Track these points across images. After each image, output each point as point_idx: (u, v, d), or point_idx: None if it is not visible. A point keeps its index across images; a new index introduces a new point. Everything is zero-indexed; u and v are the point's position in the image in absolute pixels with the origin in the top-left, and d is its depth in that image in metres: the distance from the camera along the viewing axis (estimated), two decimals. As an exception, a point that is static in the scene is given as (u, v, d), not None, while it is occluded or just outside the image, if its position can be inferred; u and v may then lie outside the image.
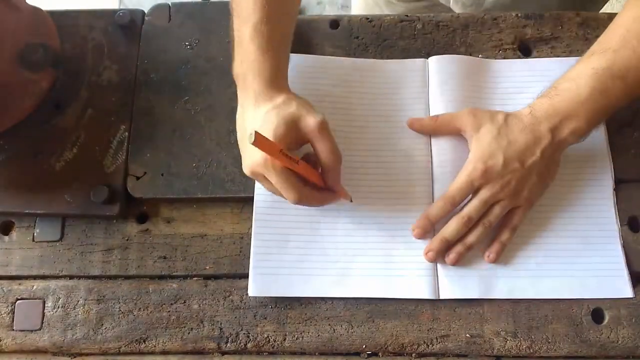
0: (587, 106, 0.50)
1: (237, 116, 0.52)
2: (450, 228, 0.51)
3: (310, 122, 0.47)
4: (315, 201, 0.49)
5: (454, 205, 0.51)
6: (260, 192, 0.54)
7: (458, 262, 0.51)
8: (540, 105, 0.51)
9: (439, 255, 0.52)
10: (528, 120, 0.51)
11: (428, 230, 0.52)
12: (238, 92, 0.51)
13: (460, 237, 0.51)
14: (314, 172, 0.49)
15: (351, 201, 0.53)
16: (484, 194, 0.51)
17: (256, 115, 0.48)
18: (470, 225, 0.51)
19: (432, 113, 0.57)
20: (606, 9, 0.81)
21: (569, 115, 0.50)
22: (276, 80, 0.49)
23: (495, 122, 0.51)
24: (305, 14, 1.66)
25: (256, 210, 0.53)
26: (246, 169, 0.49)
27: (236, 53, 0.50)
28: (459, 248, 0.51)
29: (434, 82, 0.58)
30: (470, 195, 0.52)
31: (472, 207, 0.51)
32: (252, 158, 0.47)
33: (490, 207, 0.51)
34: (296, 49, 0.59)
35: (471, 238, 0.51)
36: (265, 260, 0.52)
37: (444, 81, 0.57)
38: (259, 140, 0.42)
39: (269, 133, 0.46)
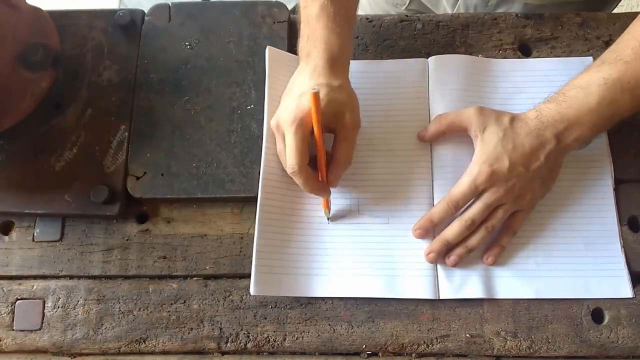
0: (593, 115, 0.49)
1: (291, 79, 0.54)
2: (453, 231, 0.51)
3: (348, 119, 0.50)
4: (308, 181, 0.50)
5: (457, 209, 0.51)
6: (265, 192, 0.53)
7: (458, 265, 0.51)
8: (547, 111, 0.51)
9: (440, 257, 0.52)
10: (534, 124, 0.51)
11: (429, 231, 0.52)
12: (300, 65, 0.53)
13: (461, 240, 0.51)
14: (325, 159, 0.51)
15: (328, 220, 0.54)
16: (487, 197, 0.50)
17: (309, 81, 0.50)
18: (473, 228, 0.51)
19: (433, 113, 0.57)
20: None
21: (575, 122, 0.50)
22: (338, 60, 0.51)
23: (501, 123, 0.51)
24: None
25: (260, 209, 0.53)
26: (274, 120, 0.52)
27: (302, 29, 0.53)
28: (460, 250, 0.51)
29: (434, 82, 0.58)
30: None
31: (475, 210, 0.51)
32: (284, 113, 0.50)
33: (493, 210, 0.51)
34: (296, 49, 0.59)
35: (473, 241, 0.51)
36: (268, 260, 0.52)
37: (444, 81, 0.57)
38: (315, 99, 0.45)
39: (309, 104, 0.47)
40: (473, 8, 0.74)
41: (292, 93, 0.51)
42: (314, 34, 0.51)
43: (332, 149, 0.51)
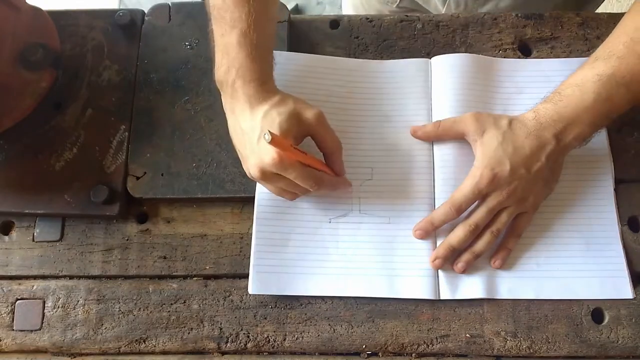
0: (591, 112, 0.50)
1: (231, 124, 0.51)
2: (457, 236, 0.51)
3: (309, 115, 0.49)
4: (331, 185, 0.51)
5: (460, 213, 0.51)
6: (262, 190, 0.54)
7: (466, 271, 0.51)
8: (545, 111, 0.51)
9: (446, 263, 0.52)
10: (532, 125, 0.51)
11: (429, 233, 0.52)
12: (225, 99, 0.51)
13: (467, 245, 0.51)
14: (320, 161, 0.51)
15: (351, 188, 0.54)
16: (491, 201, 0.50)
17: (254, 117, 0.48)
18: (477, 233, 0.51)
19: (435, 113, 0.57)
20: (606, 8, 0.81)
21: (573, 121, 0.50)
22: (267, 83, 0.50)
23: (500, 127, 0.51)
24: (305, 14, 1.66)
25: (257, 208, 0.53)
26: (255, 170, 0.48)
27: (221, 60, 0.49)
28: (467, 257, 0.51)
29: (437, 82, 0.58)
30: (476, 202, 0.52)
31: (479, 215, 0.51)
32: (261, 159, 0.46)
33: (496, 214, 0.51)
34: (296, 49, 0.59)
35: (479, 246, 0.51)
36: (266, 259, 0.52)
37: (447, 81, 0.57)
38: (275, 139, 0.43)
39: (274, 131, 0.46)
40: (464, 4, 0.74)
41: (247, 140, 0.48)
42: (236, 64, 0.48)
43: (318, 145, 0.51)
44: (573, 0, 0.73)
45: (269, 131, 0.43)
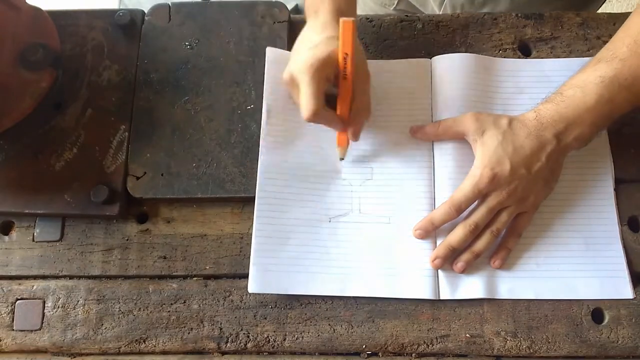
0: (592, 113, 0.50)
1: (300, 36, 0.54)
2: (457, 236, 0.51)
3: (361, 70, 0.51)
4: (327, 121, 0.51)
5: (459, 213, 0.51)
6: (263, 189, 0.53)
7: (466, 271, 0.51)
8: (546, 111, 0.51)
9: (446, 263, 0.52)
10: (533, 125, 0.51)
11: (429, 232, 0.52)
12: (307, 22, 0.55)
13: (466, 245, 0.51)
14: (348, 100, 0.51)
15: (341, 160, 0.55)
16: (491, 201, 0.50)
17: (320, 35, 0.51)
18: (477, 232, 0.51)
19: (435, 113, 0.57)
20: (606, 8, 0.81)
21: (574, 122, 0.50)
22: (346, 14, 0.51)
23: (500, 126, 0.51)
24: (305, 14, 1.65)
25: (258, 207, 0.53)
26: (286, 73, 0.51)
27: None
28: (466, 256, 0.51)
29: (437, 82, 0.58)
30: (476, 202, 0.52)
31: (479, 215, 0.51)
32: (297, 64, 0.49)
33: (496, 214, 0.51)
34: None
35: (479, 246, 0.51)
36: (266, 257, 0.52)
37: (447, 81, 0.57)
38: (348, 27, 0.46)
39: (326, 52, 0.48)
40: (460, 7, 0.74)
41: (304, 46, 0.52)
42: None
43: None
44: (572, 6, 0.72)
45: (354, 20, 0.46)
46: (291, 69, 0.51)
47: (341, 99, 0.51)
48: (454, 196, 0.51)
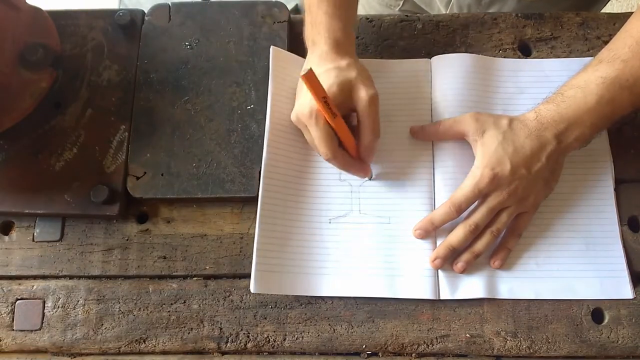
0: (593, 114, 0.50)
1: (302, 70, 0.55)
2: (457, 236, 0.51)
3: (362, 93, 0.51)
4: (344, 164, 0.52)
5: (460, 213, 0.51)
6: (266, 189, 0.53)
7: (466, 271, 0.51)
8: (547, 112, 0.51)
9: (446, 263, 0.52)
10: (533, 125, 0.51)
11: (429, 232, 0.52)
12: (308, 54, 0.55)
13: (467, 245, 0.51)
14: (349, 135, 0.52)
15: (370, 178, 0.55)
16: (491, 201, 0.50)
17: (317, 72, 0.50)
18: (477, 232, 0.51)
19: (435, 113, 0.57)
20: (606, 8, 0.81)
21: (575, 122, 0.50)
22: (343, 43, 0.53)
23: (500, 127, 0.51)
24: (305, 13, 1.65)
25: (261, 208, 0.53)
26: (293, 115, 0.53)
27: (306, 17, 0.55)
28: (466, 256, 0.51)
29: (437, 82, 0.58)
30: (476, 202, 0.52)
31: (479, 215, 0.51)
32: (301, 107, 0.51)
33: (497, 214, 0.51)
34: (296, 49, 0.59)
35: (479, 246, 0.51)
36: (268, 258, 0.52)
37: (447, 81, 0.57)
38: (310, 77, 0.45)
39: (328, 91, 0.48)
40: (467, 8, 0.74)
41: (303, 88, 0.52)
42: (316, 21, 0.53)
43: (357, 124, 0.52)
44: (577, 8, 0.72)
45: (311, 69, 0.45)
46: (297, 113, 0.52)
47: (343, 137, 0.51)
48: (454, 196, 0.51)
